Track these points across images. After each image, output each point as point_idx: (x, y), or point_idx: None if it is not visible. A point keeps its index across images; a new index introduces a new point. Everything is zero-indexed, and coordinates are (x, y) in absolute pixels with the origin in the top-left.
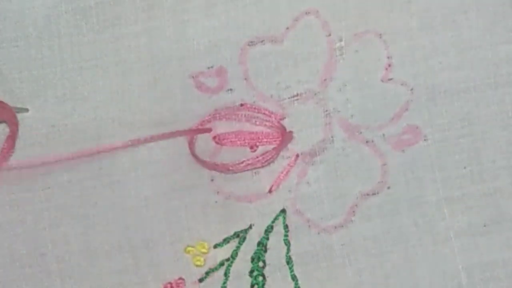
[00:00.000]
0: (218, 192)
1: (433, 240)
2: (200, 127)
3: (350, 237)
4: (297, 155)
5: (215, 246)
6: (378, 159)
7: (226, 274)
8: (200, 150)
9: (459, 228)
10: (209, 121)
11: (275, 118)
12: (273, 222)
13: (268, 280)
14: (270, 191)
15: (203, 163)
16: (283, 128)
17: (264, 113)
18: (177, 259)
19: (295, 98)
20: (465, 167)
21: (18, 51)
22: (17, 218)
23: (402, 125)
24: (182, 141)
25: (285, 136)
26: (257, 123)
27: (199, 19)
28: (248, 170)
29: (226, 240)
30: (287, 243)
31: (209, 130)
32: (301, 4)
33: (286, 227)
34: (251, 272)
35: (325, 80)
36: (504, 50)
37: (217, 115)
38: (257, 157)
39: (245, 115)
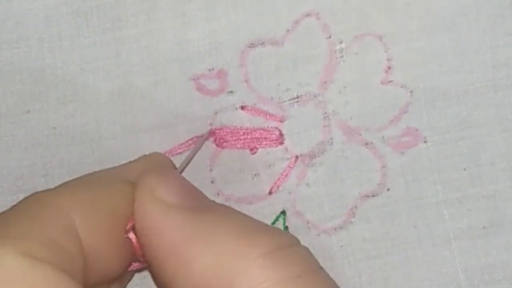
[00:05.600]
0: (218, 194)
1: (433, 242)
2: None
3: (349, 239)
4: (297, 157)
5: None
6: (377, 161)
7: None
8: (200, 153)
9: (459, 230)
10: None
11: (275, 121)
12: (273, 223)
13: None
14: (270, 193)
15: None
16: (279, 131)
17: (264, 115)
18: None
19: (295, 100)
20: (464, 169)
21: (19, 52)
22: None
23: (401, 127)
24: (181, 143)
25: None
26: (257, 125)
27: (199, 21)
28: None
29: None
30: None
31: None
32: (302, 6)
33: (286, 228)
34: None
35: (325, 82)
36: (504, 53)
37: (218, 118)
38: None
39: (245, 118)
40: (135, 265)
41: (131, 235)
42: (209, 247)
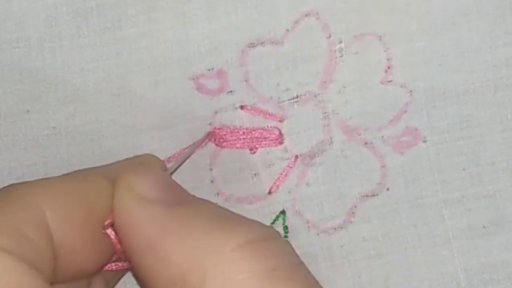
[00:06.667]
0: (218, 194)
1: (432, 241)
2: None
3: (349, 238)
4: (297, 157)
5: None
6: (377, 160)
7: None
8: (200, 153)
9: (458, 230)
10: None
11: (275, 120)
12: (273, 223)
13: None
14: (269, 193)
15: None
16: (279, 130)
17: (263, 115)
18: None
19: (295, 100)
20: (464, 169)
21: (19, 52)
22: None
23: (401, 127)
24: (181, 143)
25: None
26: (257, 125)
27: (199, 21)
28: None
29: None
30: None
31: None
32: (301, 6)
33: (286, 228)
34: None
35: (325, 82)
36: (504, 52)
37: (217, 118)
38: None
39: (245, 117)
40: (115, 266)
41: (109, 231)
42: (184, 239)
